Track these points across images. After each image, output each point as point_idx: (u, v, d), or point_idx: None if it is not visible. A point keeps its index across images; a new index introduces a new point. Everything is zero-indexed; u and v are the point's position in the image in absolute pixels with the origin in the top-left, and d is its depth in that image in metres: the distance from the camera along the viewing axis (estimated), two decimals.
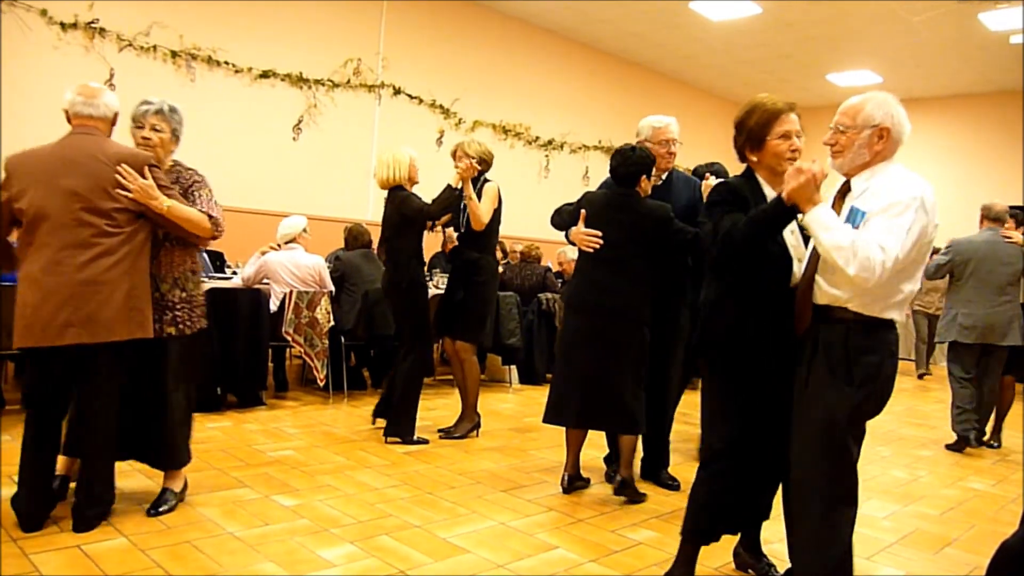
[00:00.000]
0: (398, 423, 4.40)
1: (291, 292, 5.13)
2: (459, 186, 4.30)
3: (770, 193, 2.47)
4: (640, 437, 3.73)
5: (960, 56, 9.84)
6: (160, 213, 2.82)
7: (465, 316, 4.49)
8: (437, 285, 6.29)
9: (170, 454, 3.08)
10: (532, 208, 9.89)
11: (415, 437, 4.41)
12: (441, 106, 8.87)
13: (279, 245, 5.40)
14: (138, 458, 3.09)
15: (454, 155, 4.49)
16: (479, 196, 4.44)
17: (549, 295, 6.90)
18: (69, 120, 2.82)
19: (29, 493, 2.76)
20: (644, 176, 3.53)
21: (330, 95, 7.94)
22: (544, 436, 4.80)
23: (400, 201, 4.36)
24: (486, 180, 4.53)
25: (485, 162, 4.52)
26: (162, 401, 2.99)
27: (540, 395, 6.41)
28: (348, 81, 8.06)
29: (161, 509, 2.98)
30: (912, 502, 3.92)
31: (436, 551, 2.82)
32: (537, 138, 9.97)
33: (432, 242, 6.83)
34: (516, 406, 5.91)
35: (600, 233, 3.49)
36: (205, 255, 6.28)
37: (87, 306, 2.66)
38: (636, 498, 3.56)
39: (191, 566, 2.54)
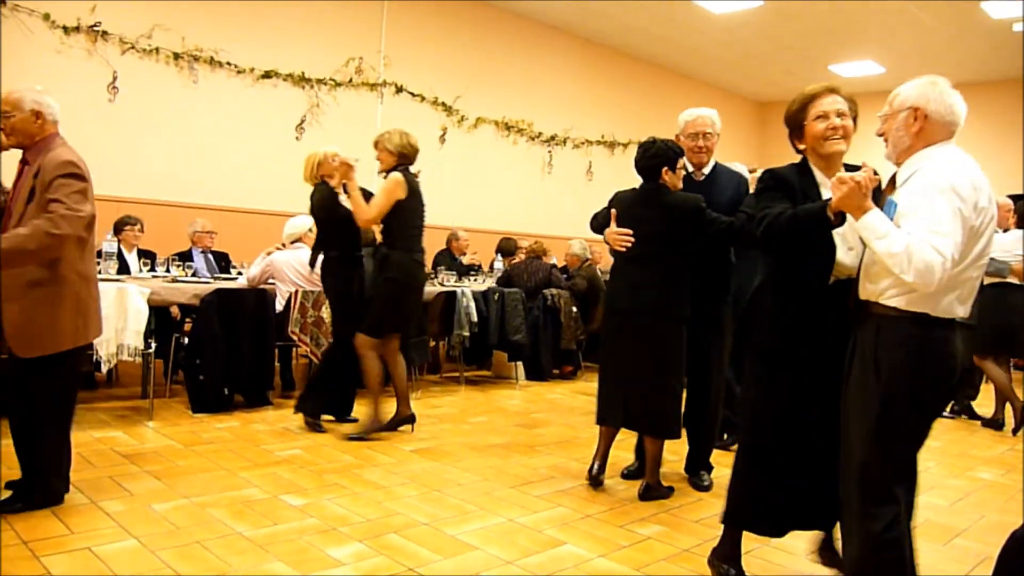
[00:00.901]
0: (306, 398, 4.58)
1: (297, 292, 5.14)
2: (339, 188, 4.38)
3: (821, 179, 2.44)
4: (684, 433, 3.72)
5: (963, 45, 9.80)
6: None
7: (368, 310, 4.40)
8: (443, 283, 6.30)
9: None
10: (536, 204, 9.91)
11: (318, 421, 4.55)
12: (443, 103, 8.86)
13: (283, 245, 5.42)
14: None
15: (375, 145, 4.48)
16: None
17: (554, 291, 6.89)
18: (41, 122, 2.98)
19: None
20: (667, 168, 3.42)
21: (332, 94, 7.94)
22: (550, 432, 4.81)
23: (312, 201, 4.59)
24: (401, 172, 4.36)
25: (405, 156, 4.43)
26: None
27: (546, 391, 6.42)
28: (350, 80, 8.06)
29: None
30: (921, 493, 3.86)
31: (444, 548, 2.83)
32: (540, 134, 9.96)
33: (437, 240, 6.83)
34: (522, 402, 5.91)
35: (631, 231, 3.44)
36: (210, 256, 6.30)
37: None
38: (663, 496, 3.56)
39: (200, 566, 2.55)
